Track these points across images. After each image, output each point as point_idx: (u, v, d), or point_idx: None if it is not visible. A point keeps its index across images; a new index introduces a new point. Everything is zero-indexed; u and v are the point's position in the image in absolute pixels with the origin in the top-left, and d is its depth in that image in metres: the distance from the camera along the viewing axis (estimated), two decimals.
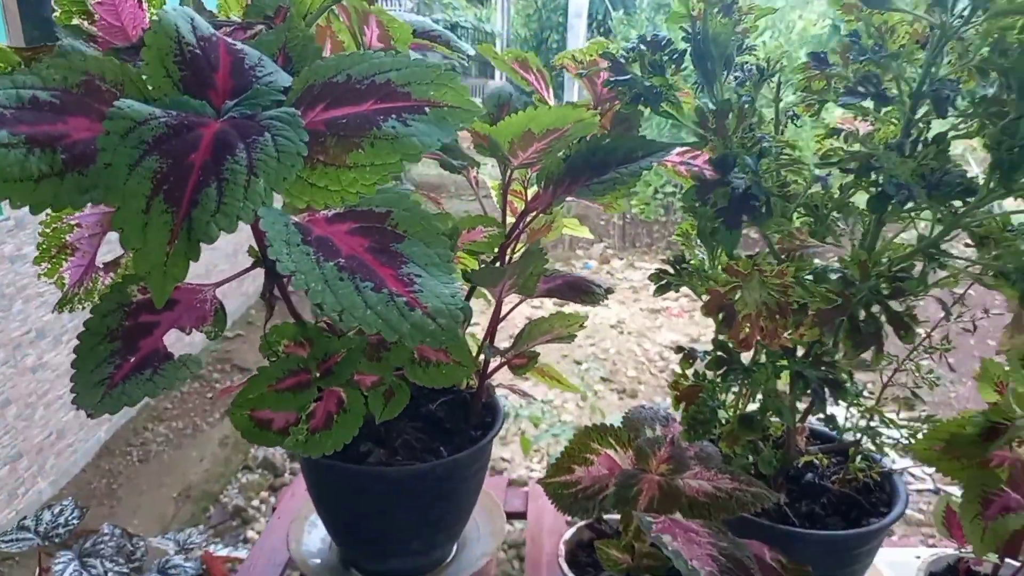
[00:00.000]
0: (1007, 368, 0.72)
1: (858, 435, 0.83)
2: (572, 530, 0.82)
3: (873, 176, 0.53)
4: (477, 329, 0.86)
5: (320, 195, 0.47)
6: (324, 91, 0.50)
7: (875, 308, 0.55)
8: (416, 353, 0.66)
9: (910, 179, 0.49)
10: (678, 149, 0.79)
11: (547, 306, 3.96)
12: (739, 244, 0.61)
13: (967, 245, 0.65)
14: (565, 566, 0.77)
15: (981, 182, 0.54)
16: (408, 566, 0.81)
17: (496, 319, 0.79)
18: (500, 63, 0.84)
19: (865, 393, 0.76)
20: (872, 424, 0.83)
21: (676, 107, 0.64)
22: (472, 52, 0.82)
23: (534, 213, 0.82)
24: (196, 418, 3.65)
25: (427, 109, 0.49)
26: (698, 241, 0.76)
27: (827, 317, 0.56)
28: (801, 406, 0.81)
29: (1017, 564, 0.75)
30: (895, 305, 0.54)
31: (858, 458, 0.84)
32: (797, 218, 0.71)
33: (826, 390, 0.69)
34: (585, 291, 0.85)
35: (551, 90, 0.82)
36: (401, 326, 0.42)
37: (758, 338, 0.61)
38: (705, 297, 0.62)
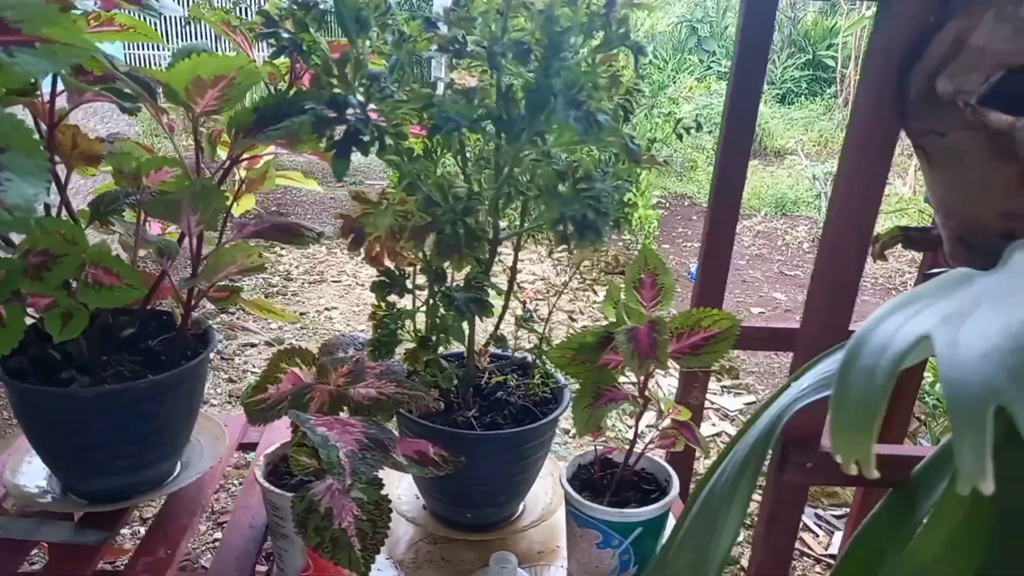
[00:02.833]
0: (623, 288, 0.87)
1: (528, 354, 0.98)
2: (276, 446, 0.91)
3: (431, 111, 0.65)
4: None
5: None
6: None
7: (457, 225, 0.67)
8: (89, 276, 0.73)
9: (459, 114, 0.62)
10: None
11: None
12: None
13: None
14: (259, 474, 0.86)
15: None
16: (120, 484, 0.87)
17: (197, 256, 0.87)
18: (211, 23, 0.91)
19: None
20: (541, 345, 0.97)
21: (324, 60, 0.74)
22: (180, 11, 0.89)
23: (242, 159, 0.90)
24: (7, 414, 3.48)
25: (36, 44, 0.57)
26: None
27: (420, 232, 0.68)
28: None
29: (631, 449, 0.90)
30: (471, 222, 0.67)
31: (537, 376, 0.99)
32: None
33: (472, 307, 0.82)
34: (295, 233, 0.95)
35: (255, 49, 0.91)
36: None
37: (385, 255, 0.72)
38: (339, 222, 0.72)
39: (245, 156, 0.93)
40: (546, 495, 1.04)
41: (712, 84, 7.52)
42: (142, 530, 1.62)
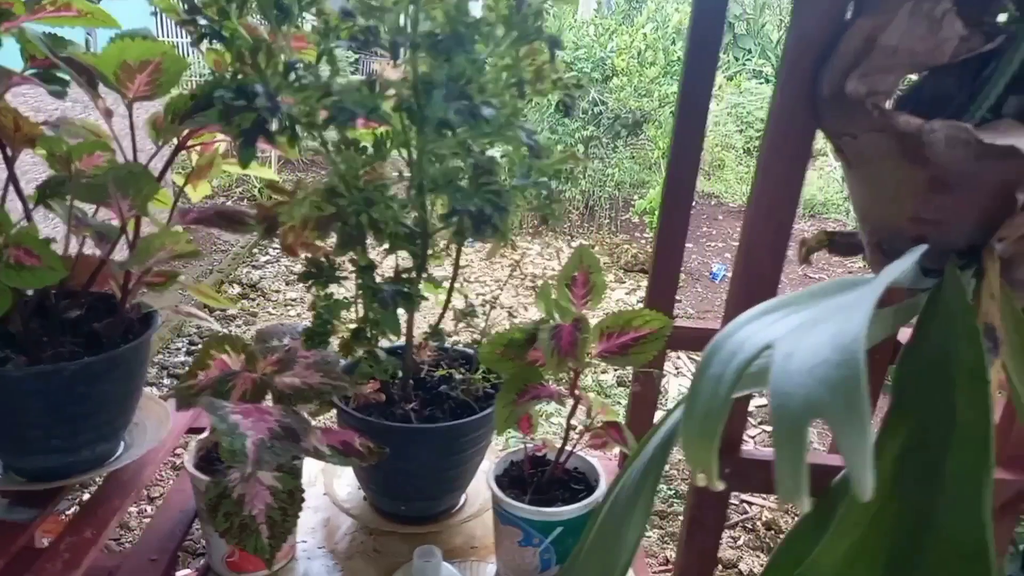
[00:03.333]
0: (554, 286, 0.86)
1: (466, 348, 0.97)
2: (207, 433, 0.92)
3: (330, 100, 0.64)
4: None
5: None
6: None
7: (361, 216, 0.67)
8: (11, 257, 0.74)
9: (357, 103, 0.61)
10: None
11: None
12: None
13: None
14: (188, 460, 0.87)
15: None
16: (55, 463, 0.89)
17: (136, 239, 0.87)
18: (162, 8, 0.92)
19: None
20: (482, 340, 0.96)
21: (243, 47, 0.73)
22: None
23: (190, 146, 0.91)
24: None
25: None
26: None
27: (325, 223, 0.67)
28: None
29: (563, 448, 0.89)
30: (374, 213, 0.66)
31: (479, 371, 0.98)
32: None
33: (398, 301, 0.82)
34: (238, 221, 0.95)
35: None
36: None
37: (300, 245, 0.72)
38: (255, 211, 0.72)
39: (193, 143, 0.93)
40: (487, 490, 1.03)
41: (743, 82, 7.41)
42: None
